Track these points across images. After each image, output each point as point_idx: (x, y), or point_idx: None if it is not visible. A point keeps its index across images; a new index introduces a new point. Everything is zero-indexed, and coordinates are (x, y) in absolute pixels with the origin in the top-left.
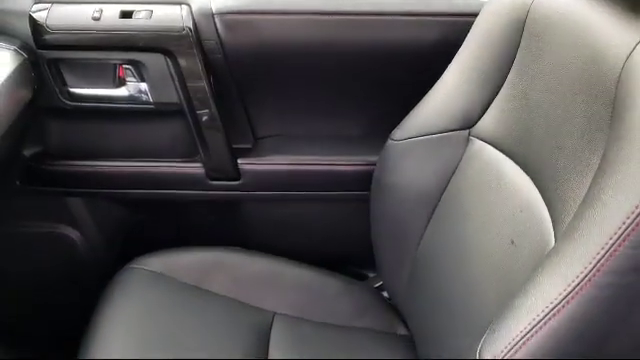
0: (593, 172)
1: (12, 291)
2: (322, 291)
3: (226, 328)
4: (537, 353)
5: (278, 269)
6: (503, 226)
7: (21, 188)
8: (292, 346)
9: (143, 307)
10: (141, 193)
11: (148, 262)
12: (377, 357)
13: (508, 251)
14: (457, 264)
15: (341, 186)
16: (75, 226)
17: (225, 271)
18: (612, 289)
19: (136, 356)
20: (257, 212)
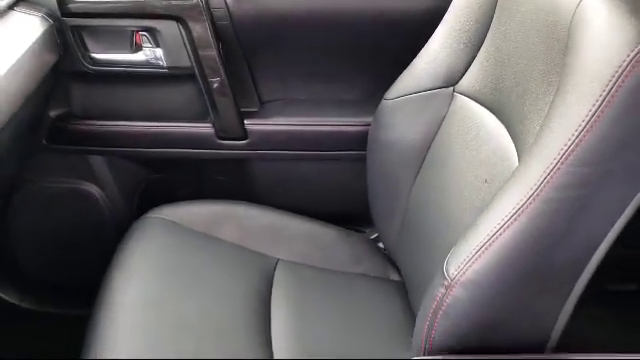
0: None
1: (38, 244)
2: (322, 240)
3: (234, 270)
4: (492, 262)
5: (281, 221)
6: (478, 168)
7: (47, 147)
8: (293, 287)
9: (159, 250)
10: (156, 152)
11: (163, 212)
12: (371, 299)
13: (482, 189)
14: (440, 208)
15: (340, 146)
16: (96, 183)
17: (233, 222)
18: (556, 203)
19: (154, 289)
20: (262, 170)
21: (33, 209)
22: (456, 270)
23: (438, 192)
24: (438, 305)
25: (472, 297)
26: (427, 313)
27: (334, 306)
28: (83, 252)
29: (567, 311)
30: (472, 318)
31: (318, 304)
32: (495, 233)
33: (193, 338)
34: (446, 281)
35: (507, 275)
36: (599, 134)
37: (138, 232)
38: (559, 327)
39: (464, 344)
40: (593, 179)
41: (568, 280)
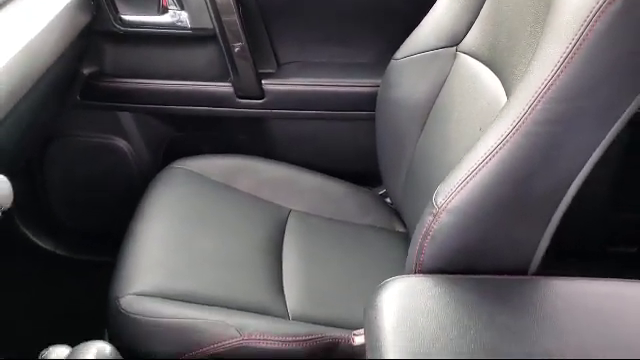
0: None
1: (70, 194)
2: (332, 194)
3: (249, 217)
4: (476, 190)
5: (294, 175)
6: (475, 119)
7: (81, 103)
8: (303, 234)
9: (180, 196)
10: (179, 109)
11: (186, 163)
12: (376, 248)
13: (476, 136)
14: (440, 160)
15: (352, 106)
16: (125, 138)
17: (249, 174)
18: (534, 137)
19: (174, 229)
20: (278, 128)
21: (67, 161)
22: (443, 199)
23: (439, 145)
24: (427, 231)
25: (457, 223)
26: (417, 239)
27: (340, 252)
28: (112, 202)
29: (546, 240)
30: (457, 242)
31: (326, 249)
32: (479, 164)
33: (210, 270)
34: (434, 209)
35: (489, 202)
36: (572, 73)
37: (162, 180)
38: (539, 255)
39: (450, 268)
40: (567, 116)
41: (546, 210)
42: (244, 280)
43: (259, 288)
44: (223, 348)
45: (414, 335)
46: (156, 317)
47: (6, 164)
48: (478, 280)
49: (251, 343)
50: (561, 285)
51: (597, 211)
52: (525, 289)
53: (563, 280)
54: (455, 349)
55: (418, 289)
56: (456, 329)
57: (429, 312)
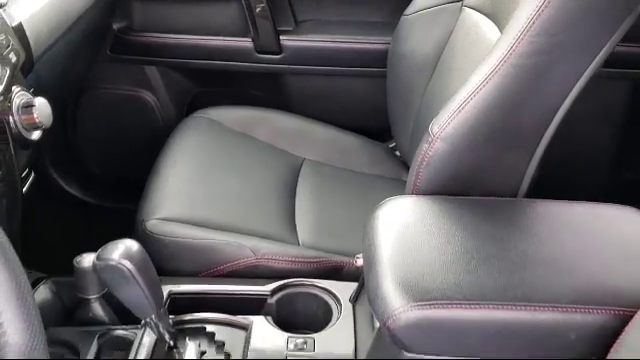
0: None
1: (100, 144)
2: (343, 145)
3: (265, 163)
4: (467, 118)
5: (308, 127)
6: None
7: (111, 56)
8: (315, 181)
9: (202, 141)
10: (202, 63)
11: (207, 113)
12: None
13: None
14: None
15: (365, 63)
16: (151, 91)
17: (266, 124)
18: (521, 67)
19: (196, 168)
20: (294, 83)
21: (97, 113)
22: (438, 128)
23: (444, 95)
24: (423, 158)
25: (450, 149)
26: (415, 166)
27: (349, 196)
28: (138, 152)
29: (532, 167)
30: (450, 168)
31: (336, 194)
32: (471, 94)
33: (228, 203)
34: (430, 137)
35: (480, 129)
36: (555, 7)
37: (185, 127)
38: (526, 182)
39: (444, 192)
40: (551, 47)
41: (532, 138)
42: (259, 213)
43: (273, 221)
44: (238, 266)
45: (404, 238)
46: (178, 237)
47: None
48: (468, 200)
49: (264, 262)
50: (545, 205)
51: (600, 171)
52: (511, 208)
53: (547, 201)
54: (440, 251)
55: (412, 205)
56: (443, 236)
57: (419, 222)
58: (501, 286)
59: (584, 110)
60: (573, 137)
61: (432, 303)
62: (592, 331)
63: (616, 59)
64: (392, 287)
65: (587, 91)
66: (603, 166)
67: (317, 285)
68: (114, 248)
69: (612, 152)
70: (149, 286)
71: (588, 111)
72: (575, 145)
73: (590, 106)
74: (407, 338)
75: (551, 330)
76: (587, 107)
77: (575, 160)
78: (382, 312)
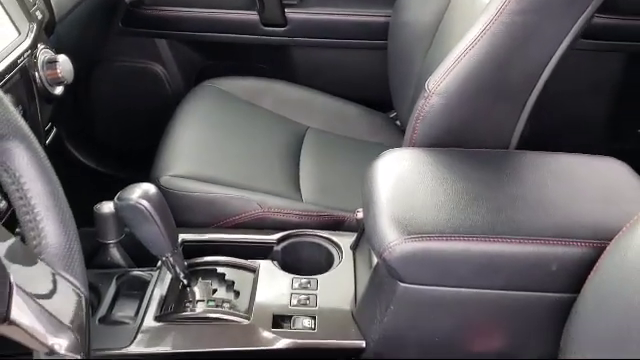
0: None
1: (112, 115)
2: (346, 115)
3: (271, 130)
4: (460, 74)
5: (312, 97)
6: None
7: (122, 29)
8: (318, 147)
9: (211, 108)
10: (210, 36)
11: (215, 82)
12: None
13: None
14: None
15: (368, 35)
16: (161, 63)
17: (271, 94)
18: (510, 25)
19: (205, 133)
20: (298, 55)
21: (109, 85)
22: (433, 84)
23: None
24: (419, 113)
25: (444, 103)
26: (412, 121)
27: (350, 162)
28: (148, 122)
29: (522, 122)
30: (445, 122)
31: (338, 159)
32: (464, 51)
33: (235, 163)
34: (426, 93)
35: (473, 84)
36: None
37: (194, 96)
38: (516, 136)
39: (439, 145)
40: (538, 6)
41: (522, 94)
42: (265, 173)
43: (278, 181)
44: (246, 219)
45: (400, 183)
46: (189, 192)
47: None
48: (461, 151)
49: (270, 215)
50: (533, 155)
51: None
52: (501, 157)
53: (536, 152)
54: (433, 193)
55: (408, 156)
56: (437, 181)
57: (415, 170)
58: (488, 222)
59: (577, 82)
60: (565, 109)
61: (425, 236)
62: (571, 262)
63: (608, 32)
64: (388, 223)
65: (580, 64)
66: (596, 137)
67: (320, 235)
68: (133, 189)
69: (604, 124)
70: (165, 225)
71: (581, 83)
72: (567, 117)
73: (583, 79)
74: (401, 269)
75: (534, 261)
76: (580, 80)
77: (567, 131)
78: (379, 245)
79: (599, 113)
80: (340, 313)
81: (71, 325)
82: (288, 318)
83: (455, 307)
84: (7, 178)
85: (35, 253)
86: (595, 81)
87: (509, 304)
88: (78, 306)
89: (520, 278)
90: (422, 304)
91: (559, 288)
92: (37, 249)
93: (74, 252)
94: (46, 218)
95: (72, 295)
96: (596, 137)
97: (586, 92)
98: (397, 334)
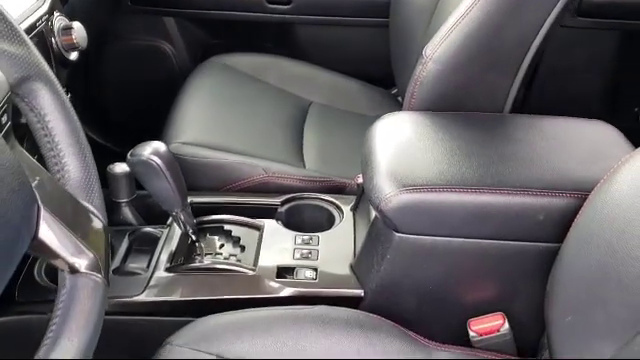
0: None
1: (120, 91)
2: (348, 90)
3: (275, 104)
4: (456, 41)
5: (315, 73)
6: None
7: (132, 8)
8: (322, 120)
9: (217, 82)
10: (216, 14)
11: (221, 59)
12: None
13: None
14: None
15: (370, 13)
16: (169, 41)
17: (276, 70)
18: None
19: (211, 104)
20: (302, 32)
21: (118, 62)
22: (431, 50)
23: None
24: (416, 79)
25: (440, 69)
26: (410, 87)
27: (352, 135)
28: (156, 99)
29: (516, 86)
30: (440, 86)
31: (339, 132)
32: (459, 18)
33: (241, 132)
34: (423, 59)
35: (467, 50)
36: None
37: (201, 71)
38: (510, 101)
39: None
40: None
41: (515, 59)
42: (270, 142)
43: (282, 150)
44: (252, 183)
45: (397, 143)
46: (197, 158)
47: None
48: (456, 114)
49: (274, 180)
50: (525, 118)
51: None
52: (494, 120)
53: (528, 115)
54: (428, 151)
55: (406, 118)
56: (431, 141)
57: (411, 131)
58: (479, 175)
59: (573, 60)
60: (562, 87)
61: (419, 187)
62: (557, 212)
63: (603, 10)
64: (385, 177)
65: (576, 42)
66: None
67: (322, 198)
68: (145, 146)
69: (601, 101)
70: (175, 181)
71: (577, 61)
72: (564, 95)
73: (579, 56)
74: (397, 219)
75: (522, 211)
76: (576, 57)
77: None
78: (376, 198)
79: (595, 91)
80: (340, 266)
81: (91, 247)
82: (291, 270)
83: (447, 256)
84: (33, 117)
85: (60, 185)
86: (591, 59)
87: (498, 253)
88: (98, 232)
89: (509, 228)
90: (416, 253)
91: (546, 237)
92: (60, 182)
93: (94, 185)
94: (68, 154)
95: (93, 222)
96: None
97: (582, 70)
98: (393, 283)
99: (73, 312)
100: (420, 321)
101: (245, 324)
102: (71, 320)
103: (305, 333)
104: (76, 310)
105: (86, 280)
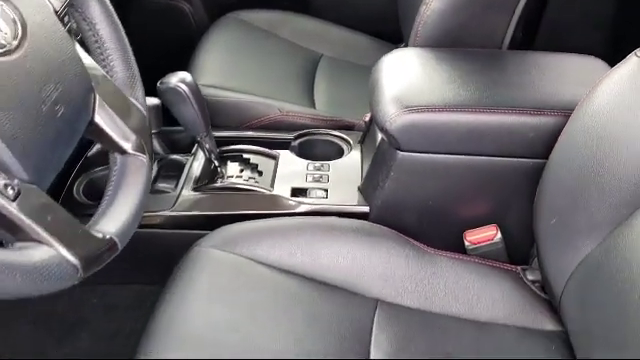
0: None
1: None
2: (357, 44)
3: (288, 57)
4: None
5: (326, 28)
6: None
7: None
8: (331, 71)
9: (233, 37)
10: None
11: (238, 14)
12: None
13: None
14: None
15: None
16: (188, 2)
17: (289, 25)
18: None
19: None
20: None
21: (138, 21)
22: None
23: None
24: (421, 18)
25: (443, 7)
26: (415, 27)
27: (360, 84)
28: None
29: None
30: (443, 24)
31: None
32: None
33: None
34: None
35: None
36: None
37: (219, 25)
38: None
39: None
40: None
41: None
42: (284, 88)
43: (295, 93)
44: (268, 121)
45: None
46: (218, 98)
47: None
48: (457, 50)
49: (288, 118)
50: (521, 53)
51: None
52: (492, 54)
53: (523, 51)
54: (429, 78)
55: (410, 53)
56: (432, 70)
57: (415, 63)
58: (475, 97)
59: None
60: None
61: (419, 108)
62: (546, 130)
63: None
64: (390, 100)
65: None
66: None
67: (332, 134)
68: (172, 75)
69: (609, 26)
70: (200, 107)
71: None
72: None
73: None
74: (400, 137)
75: (513, 129)
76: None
77: (573, 32)
78: (382, 119)
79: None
80: (348, 187)
81: (137, 133)
82: (304, 191)
83: (445, 172)
84: (85, 25)
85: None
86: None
87: (492, 169)
88: (142, 120)
89: (501, 145)
90: (417, 170)
91: (535, 154)
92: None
93: (136, 83)
94: (115, 57)
95: (137, 112)
96: (599, 41)
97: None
98: (396, 199)
99: (123, 184)
100: (421, 233)
101: (264, 231)
102: (121, 190)
103: (318, 239)
104: (126, 182)
105: (133, 159)
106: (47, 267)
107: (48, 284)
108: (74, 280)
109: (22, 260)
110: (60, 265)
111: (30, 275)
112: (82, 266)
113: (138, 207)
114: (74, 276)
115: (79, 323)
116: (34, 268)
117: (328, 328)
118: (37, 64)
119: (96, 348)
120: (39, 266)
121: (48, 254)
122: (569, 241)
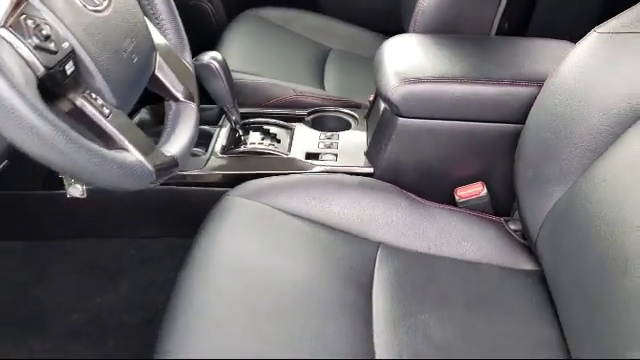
0: None
1: None
2: (363, 39)
3: (300, 50)
4: None
5: (335, 24)
6: None
7: None
8: (340, 62)
9: (251, 31)
10: None
11: (255, 12)
12: None
13: None
14: None
15: None
16: (210, 2)
17: (301, 21)
18: None
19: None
20: None
21: None
22: None
23: None
24: (418, 8)
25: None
26: (414, 16)
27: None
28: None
29: (499, 14)
30: (439, 12)
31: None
32: None
33: (273, 63)
34: None
35: None
36: None
37: (238, 21)
38: (495, 26)
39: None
40: None
41: None
42: (297, 72)
43: (306, 79)
44: (283, 101)
45: (403, 51)
46: (237, 80)
47: None
48: (451, 35)
49: (301, 98)
50: (504, 38)
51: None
52: (481, 39)
53: (506, 37)
54: (426, 56)
55: (411, 38)
56: (428, 49)
57: (414, 44)
58: (466, 71)
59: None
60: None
61: (417, 79)
62: (523, 98)
63: None
64: (392, 73)
65: None
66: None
67: (341, 110)
68: (205, 53)
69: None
70: (228, 81)
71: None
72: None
73: None
74: (401, 105)
75: (497, 98)
76: None
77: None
78: (384, 89)
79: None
80: (355, 152)
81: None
82: (317, 155)
83: (440, 136)
84: (144, 0)
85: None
86: None
87: (480, 133)
88: (190, 75)
89: (487, 111)
90: (416, 134)
91: (515, 119)
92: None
93: (186, 47)
94: (170, 27)
95: (187, 69)
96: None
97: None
98: (397, 160)
99: (180, 121)
100: (418, 189)
101: (284, 184)
102: (178, 126)
103: (329, 191)
104: (182, 119)
105: (184, 105)
106: (133, 167)
107: (133, 180)
108: (150, 182)
109: (118, 157)
110: (142, 168)
111: (123, 169)
112: (155, 172)
113: (192, 138)
114: (150, 178)
115: (119, 273)
116: (125, 165)
117: (338, 262)
118: (119, 22)
119: (134, 294)
120: (128, 164)
121: (134, 158)
122: (542, 190)
